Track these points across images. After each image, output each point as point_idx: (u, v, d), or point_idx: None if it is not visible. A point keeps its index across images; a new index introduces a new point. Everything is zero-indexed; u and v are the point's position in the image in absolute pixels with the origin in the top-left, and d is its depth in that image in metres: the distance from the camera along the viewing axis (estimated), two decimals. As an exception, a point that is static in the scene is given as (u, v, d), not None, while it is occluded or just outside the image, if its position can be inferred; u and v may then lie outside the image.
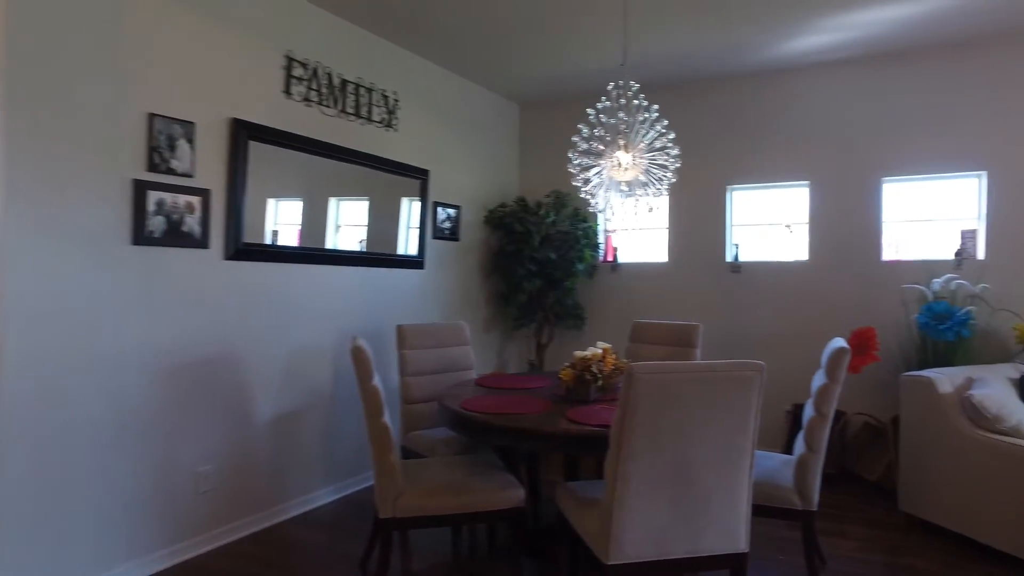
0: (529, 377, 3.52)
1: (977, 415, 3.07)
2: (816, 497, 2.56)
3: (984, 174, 4.08)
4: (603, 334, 5.20)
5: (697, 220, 4.94)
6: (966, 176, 4.16)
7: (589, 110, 3.05)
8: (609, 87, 3.06)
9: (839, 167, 4.46)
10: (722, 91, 4.82)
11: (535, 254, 4.94)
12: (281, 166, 3.45)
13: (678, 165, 3.07)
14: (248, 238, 3.24)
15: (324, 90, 3.67)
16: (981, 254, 4.08)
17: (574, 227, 5.05)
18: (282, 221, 3.48)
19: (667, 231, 5.05)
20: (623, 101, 2.97)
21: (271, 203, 3.40)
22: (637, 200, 3.20)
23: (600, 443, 2.22)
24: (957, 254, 4.13)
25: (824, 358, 2.70)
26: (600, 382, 2.84)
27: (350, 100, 3.86)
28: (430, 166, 4.54)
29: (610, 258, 5.31)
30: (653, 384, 1.94)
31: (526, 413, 2.56)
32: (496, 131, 5.40)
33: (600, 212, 3.44)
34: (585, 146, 3.05)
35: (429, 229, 4.59)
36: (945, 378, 3.29)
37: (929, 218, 4.30)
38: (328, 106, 3.70)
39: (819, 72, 4.50)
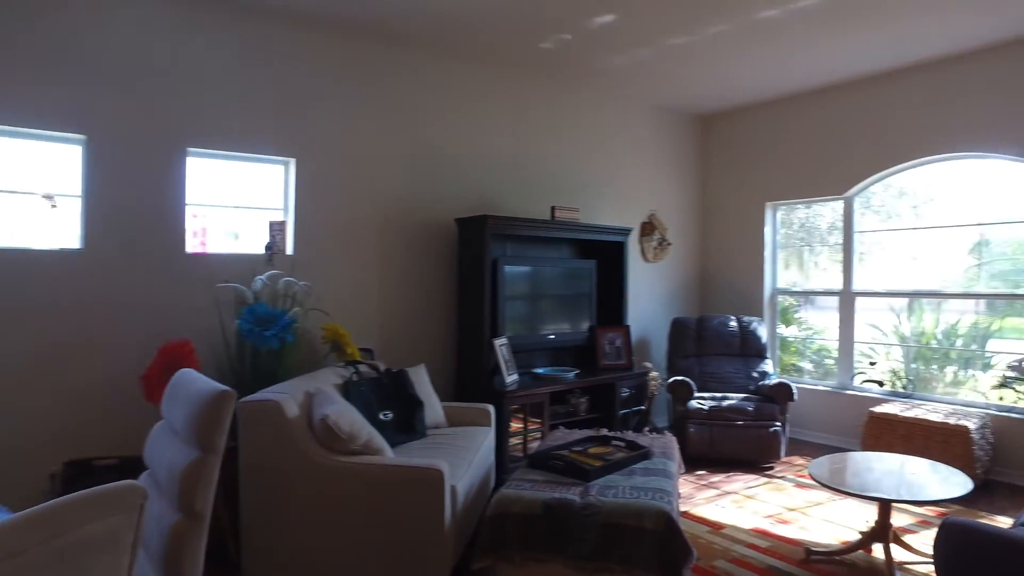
0: None
1: (332, 438, 2.58)
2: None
3: (293, 161, 3.72)
4: None
5: None
6: (275, 161, 3.72)
7: None
8: None
9: (131, 122, 3.23)
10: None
11: None
12: None
13: None
14: None
15: None
16: (290, 248, 3.72)
17: None
18: None
19: None
20: None
21: None
22: None
23: None
24: (267, 248, 3.63)
25: (183, 412, 1.64)
26: None
27: None
28: None
29: None
30: None
31: None
32: None
33: None
34: None
35: None
36: (289, 398, 2.70)
37: (239, 205, 3.67)
38: None
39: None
